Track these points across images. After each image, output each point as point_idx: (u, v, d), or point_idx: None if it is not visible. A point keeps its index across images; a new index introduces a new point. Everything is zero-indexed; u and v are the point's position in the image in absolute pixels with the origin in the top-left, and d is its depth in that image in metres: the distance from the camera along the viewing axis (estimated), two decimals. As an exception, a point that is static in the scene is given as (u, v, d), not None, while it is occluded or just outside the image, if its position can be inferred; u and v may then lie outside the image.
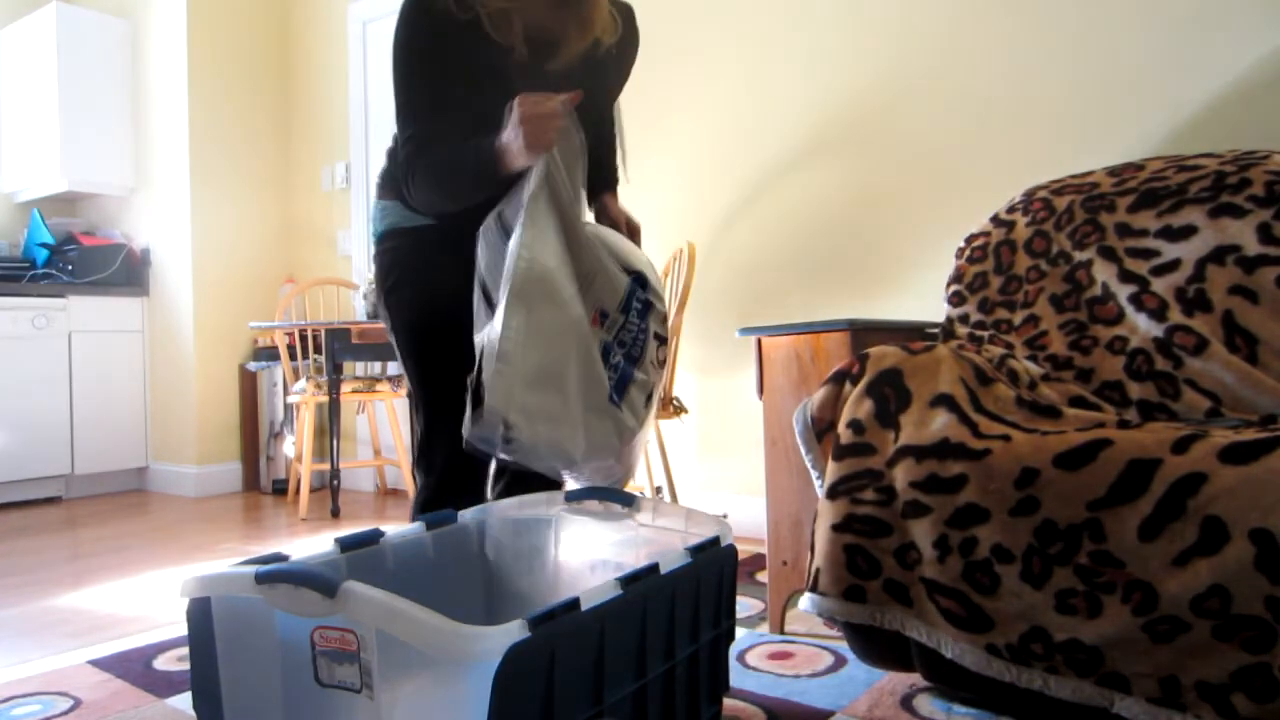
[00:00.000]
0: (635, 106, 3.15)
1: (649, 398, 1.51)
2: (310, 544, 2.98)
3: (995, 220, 1.99)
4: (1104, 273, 1.76)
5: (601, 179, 1.66)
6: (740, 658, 1.73)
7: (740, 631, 1.88)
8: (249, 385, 4.20)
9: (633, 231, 1.63)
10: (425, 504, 1.51)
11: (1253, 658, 1.07)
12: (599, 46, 1.47)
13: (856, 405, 1.50)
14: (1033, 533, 1.26)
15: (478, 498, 1.55)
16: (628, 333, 1.50)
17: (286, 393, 3.88)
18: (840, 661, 1.69)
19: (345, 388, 3.51)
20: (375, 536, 1.33)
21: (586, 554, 1.48)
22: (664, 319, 1.57)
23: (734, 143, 2.96)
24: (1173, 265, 1.70)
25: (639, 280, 1.53)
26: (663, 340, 1.55)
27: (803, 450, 1.61)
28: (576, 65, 1.46)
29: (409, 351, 1.52)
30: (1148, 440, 1.22)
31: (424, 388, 1.51)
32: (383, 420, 4.13)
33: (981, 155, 2.45)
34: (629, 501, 1.46)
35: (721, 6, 2.98)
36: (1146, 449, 1.20)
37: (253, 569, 1.02)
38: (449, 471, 1.50)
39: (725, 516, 2.86)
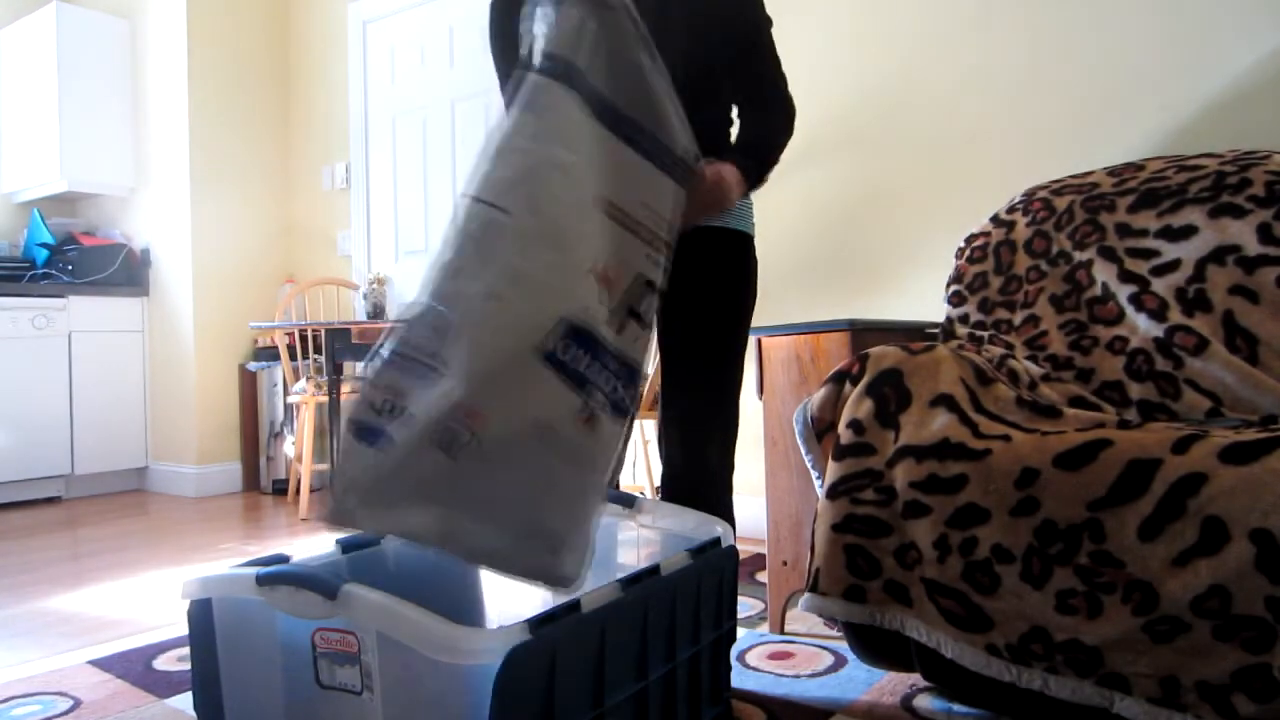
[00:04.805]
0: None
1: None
2: (311, 545, 2.98)
3: (995, 220, 1.99)
4: (1104, 273, 1.76)
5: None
6: (740, 658, 1.73)
7: (740, 631, 1.88)
8: (249, 385, 4.20)
9: (710, 198, 1.36)
10: None
11: (1253, 658, 1.07)
12: None
13: (856, 405, 1.50)
14: (1033, 533, 1.26)
15: None
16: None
17: (286, 393, 3.87)
18: (840, 661, 1.69)
19: (345, 388, 3.51)
20: (377, 538, 1.33)
21: (587, 555, 1.48)
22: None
23: (734, 142, 2.96)
24: (1173, 265, 1.70)
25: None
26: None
27: (803, 450, 1.61)
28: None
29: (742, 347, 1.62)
30: (1148, 440, 1.22)
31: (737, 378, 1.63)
32: (383, 420, 4.12)
33: (981, 155, 2.45)
34: (629, 502, 1.46)
35: (721, 6, 2.98)
36: (1147, 449, 1.20)
37: (254, 571, 1.02)
38: None
39: (725, 516, 2.85)
